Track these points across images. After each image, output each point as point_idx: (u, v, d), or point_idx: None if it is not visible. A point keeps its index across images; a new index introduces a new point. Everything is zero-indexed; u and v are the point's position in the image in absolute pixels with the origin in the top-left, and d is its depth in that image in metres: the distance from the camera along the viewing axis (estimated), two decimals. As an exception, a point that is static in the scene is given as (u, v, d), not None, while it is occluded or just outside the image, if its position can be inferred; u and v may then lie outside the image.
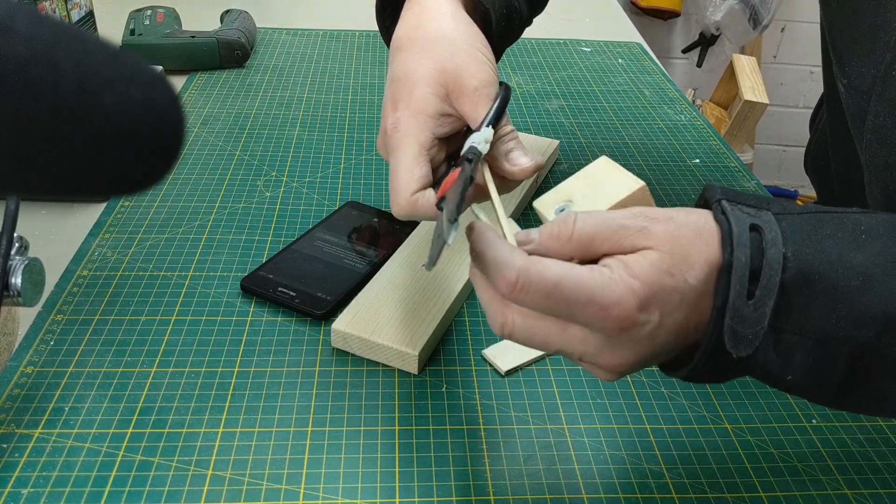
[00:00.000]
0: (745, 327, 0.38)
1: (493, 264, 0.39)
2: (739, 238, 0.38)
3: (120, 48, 0.30)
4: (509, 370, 0.57)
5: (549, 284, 0.37)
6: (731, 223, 0.38)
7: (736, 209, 0.39)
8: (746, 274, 0.37)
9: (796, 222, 0.39)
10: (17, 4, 0.27)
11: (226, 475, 0.48)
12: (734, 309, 0.37)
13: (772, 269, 0.37)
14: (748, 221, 0.38)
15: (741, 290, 0.37)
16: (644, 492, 0.49)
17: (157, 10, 1.03)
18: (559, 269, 0.38)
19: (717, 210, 0.39)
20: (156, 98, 0.31)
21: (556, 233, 0.39)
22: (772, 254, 0.37)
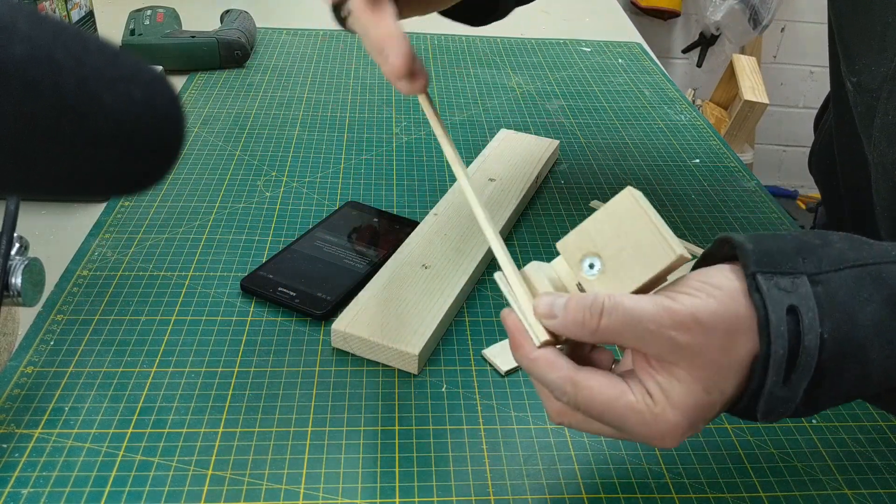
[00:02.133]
0: (779, 405, 0.38)
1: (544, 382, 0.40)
2: (777, 329, 0.37)
3: (120, 48, 0.30)
4: (509, 370, 0.57)
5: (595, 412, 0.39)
6: (767, 310, 0.37)
7: (772, 286, 0.38)
8: (784, 364, 0.37)
9: (834, 287, 0.38)
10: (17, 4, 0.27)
11: (226, 475, 0.48)
12: (769, 394, 0.38)
13: (809, 356, 0.37)
14: (785, 303, 0.37)
15: (777, 379, 0.37)
16: (644, 492, 0.49)
17: (157, 10, 1.03)
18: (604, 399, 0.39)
19: (751, 287, 0.38)
20: (156, 98, 0.31)
21: (581, 322, 0.39)
22: (809, 339, 0.37)
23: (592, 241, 0.41)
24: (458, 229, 0.68)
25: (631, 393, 0.39)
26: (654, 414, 0.38)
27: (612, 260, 0.40)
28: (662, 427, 0.38)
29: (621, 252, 0.40)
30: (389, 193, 0.77)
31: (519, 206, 0.74)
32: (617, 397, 0.39)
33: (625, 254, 0.40)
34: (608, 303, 0.38)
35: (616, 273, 0.40)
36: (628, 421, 0.39)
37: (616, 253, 0.40)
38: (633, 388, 0.39)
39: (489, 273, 0.67)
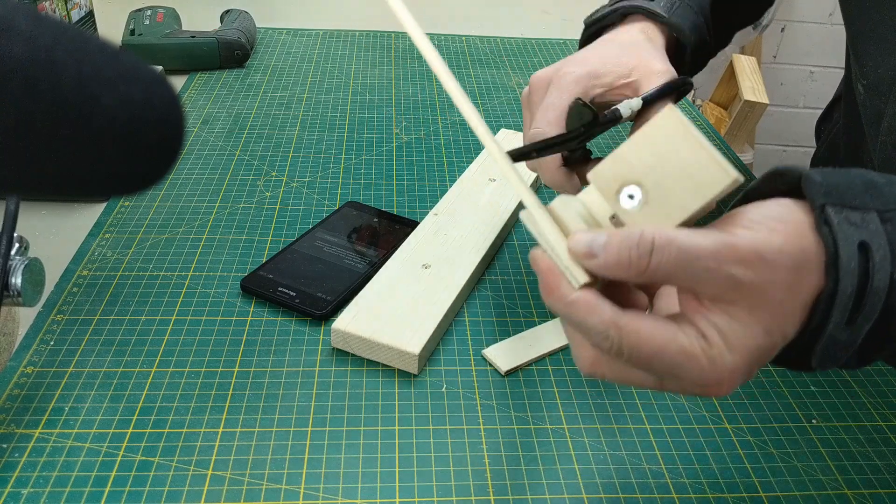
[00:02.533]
0: (837, 350, 0.36)
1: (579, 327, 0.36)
2: (847, 266, 0.34)
3: (120, 48, 0.30)
4: (509, 370, 0.57)
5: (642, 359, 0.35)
6: (837, 246, 0.34)
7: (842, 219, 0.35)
8: (850, 303, 0.34)
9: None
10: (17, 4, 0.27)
11: (226, 475, 0.48)
12: (830, 336, 0.35)
13: (877, 297, 0.34)
14: (856, 239, 0.34)
15: (841, 319, 0.35)
16: (644, 492, 0.49)
17: (157, 10, 1.03)
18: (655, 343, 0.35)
19: (819, 220, 0.35)
20: (156, 98, 0.31)
21: (627, 263, 0.34)
22: (879, 278, 0.34)
23: (631, 168, 0.36)
24: (458, 229, 0.68)
25: (683, 336, 0.35)
26: (710, 358, 0.34)
27: (655, 189, 0.35)
28: (720, 372, 0.34)
29: (665, 178, 0.35)
30: (389, 193, 0.77)
31: (519, 207, 0.74)
32: (668, 341, 0.34)
33: (670, 180, 0.35)
34: (659, 239, 0.34)
35: (661, 203, 0.35)
36: (680, 367, 0.35)
37: (660, 180, 0.35)
38: (685, 330, 0.35)
39: (489, 273, 0.67)
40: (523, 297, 0.65)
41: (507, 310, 0.63)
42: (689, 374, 0.35)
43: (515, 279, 0.66)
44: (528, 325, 0.61)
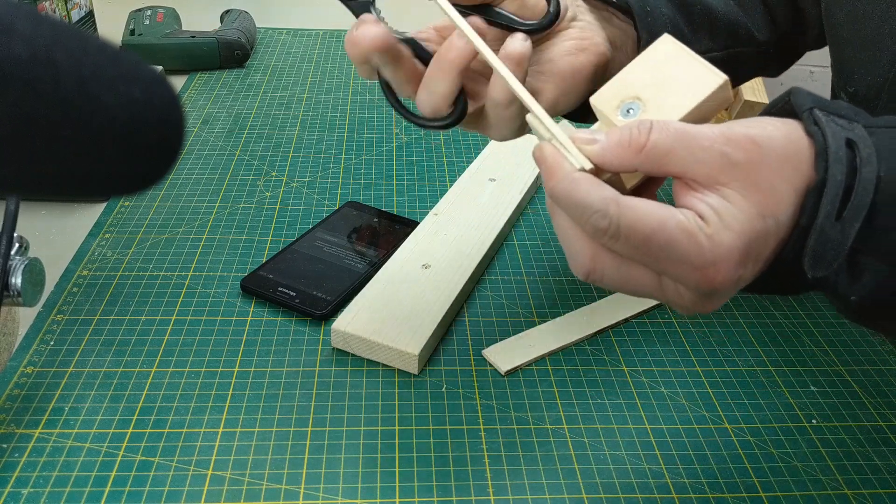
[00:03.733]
0: (828, 249, 0.35)
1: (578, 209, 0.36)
2: (836, 154, 0.35)
3: (120, 48, 0.30)
4: (509, 370, 0.57)
5: (640, 237, 0.35)
6: (826, 137, 0.35)
7: (830, 120, 0.36)
8: (840, 193, 0.35)
9: (886, 139, 0.36)
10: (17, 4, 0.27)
11: (226, 475, 0.48)
12: (820, 230, 0.35)
13: (865, 190, 0.35)
14: (843, 136, 0.35)
15: (831, 210, 0.35)
16: (644, 492, 0.49)
17: (157, 10, 1.03)
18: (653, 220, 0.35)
19: (808, 121, 0.36)
20: (156, 98, 0.31)
21: (627, 141, 0.36)
22: (867, 172, 0.35)
23: (630, 87, 0.38)
24: (458, 229, 0.68)
25: (681, 215, 0.35)
26: (707, 236, 0.35)
27: (652, 99, 0.37)
28: (718, 251, 0.34)
29: (661, 90, 0.37)
30: (389, 193, 0.77)
31: (519, 206, 0.74)
32: (667, 218, 0.35)
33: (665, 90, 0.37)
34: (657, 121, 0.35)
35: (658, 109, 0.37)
36: (677, 247, 0.35)
37: (657, 92, 0.37)
38: (683, 211, 0.35)
39: (489, 273, 0.67)
40: (523, 297, 0.65)
41: (507, 310, 0.63)
42: (686, 255, 0.35)
43: (515, 279, 0.66)
44: (528, 325, 0.61)
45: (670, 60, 0.38)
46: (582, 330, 0.60)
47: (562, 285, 0.66)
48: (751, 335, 0.62)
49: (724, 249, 0.35)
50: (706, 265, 0.35)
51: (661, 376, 0.57)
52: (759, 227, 0.35)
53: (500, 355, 0.58)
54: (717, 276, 0.35)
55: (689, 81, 0.37)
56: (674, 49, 0.38)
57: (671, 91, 0.37)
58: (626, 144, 0.36)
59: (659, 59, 0.38)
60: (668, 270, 0.36)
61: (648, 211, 0.35)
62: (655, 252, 0.35)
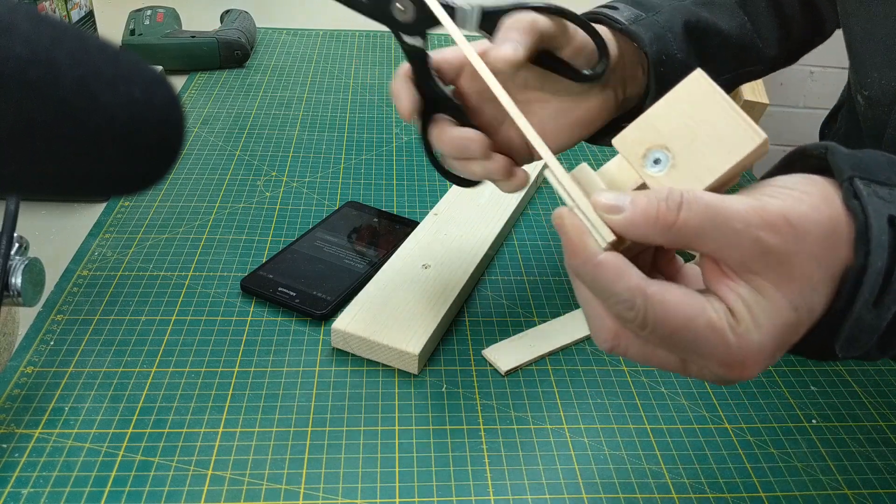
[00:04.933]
0: (862, 333, 0.34)
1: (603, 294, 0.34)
2: (878, 238, 0.32)
3: (120, 48, 0.30)
4: (509, 370, 0.57)
5: (666, 331, 0.33)
6: (868, 217, 0.33)
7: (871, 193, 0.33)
8: (880, 280, 0.33)
9: None
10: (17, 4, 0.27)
11: (226, 475, 0.48)
12: (858, 317, 0.33)
13: None
14: (886, 213, 0.33)
15: (870, 297, 0.33)
16: (644, 492, 0.49)
17: (157, 10, 1.03)
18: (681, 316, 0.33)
19: (848, 193, 0.34)
20: (156, 98, 0.31)
21: (654, 217, 0.33)
22: None
23: (658, 133, 0.35)
24: (458, 229, 0.68)
25: (711, 310, 0.33)
26: (737, 335, 0.33)
27: (683, 152, 0.34)
28: (746, 351, 0.33)
29: (693, 142, 0.34)
30: (389, 193, 0.77)
31: (519, 206, 0.74)
32: (697, 315, 0.33)
33: (698, 143, 0.34)
34: (688, 195, 0.32)
35: (689, 166, 0.34)
36: (705, 344, 0.33)
37: (688, 144, 0.34)
38: (713, 304, 0.33)
39: (489, 273, 0.67)
40: (523, 297, 0.65)
41: (507, 310, 0.63)
42: (714, 352, 0.33)
43: (515, 279, 0.66)
44: (528, 325, 0.61)
45: (704, 105, 0.34)
46: (582, 330, 0.60)
47: (562, 285, 0.66)
48: (751, 335, 0.62)
49: (755, 350, 0.33)
50: (734, 363, 0.33)
51: (661, 376, 0.57)
52: (790, 319, 0.33)
53: (500, 355, 0.58)
54: (745, 371, 0.34)
55: (724, 136, 0.34)
56: (707, 90, 0.35)
57: (704, 145, 0.34)
58: (654, 220, 0.33)
59: (691, 101, 0.35)
60: (694, 360, 0.35)
61: (677, 305, 0.33)
62: (682, 345, 0.34)
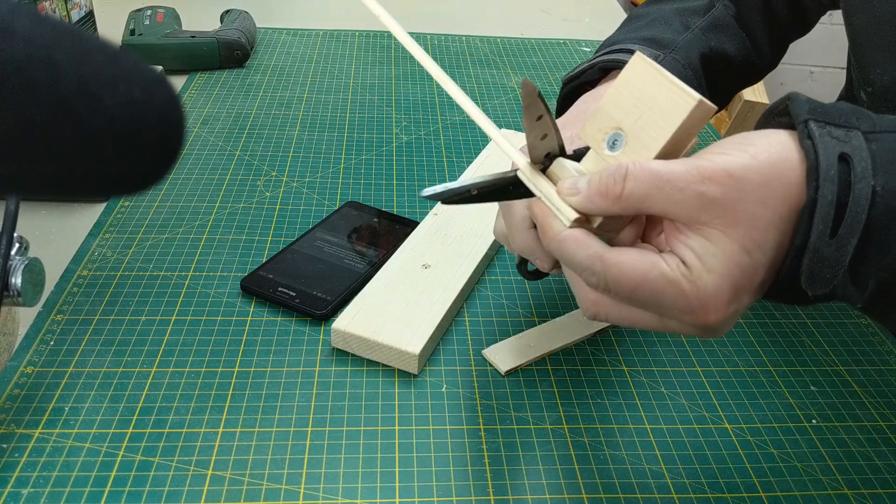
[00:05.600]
0: (824, 267, 0.35)
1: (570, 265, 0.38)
2: (827, 173, 0.34)
3: (120, 48, 0.30)
4: (509, 370, 0.57)
5: (627, 290, 0.37)
6: (818, 154, 0.35)
7: (825, 133, 0.35)
8: (832, 212, 0.34)
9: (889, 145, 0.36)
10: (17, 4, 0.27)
11: (226, 475, 0.48)
12: (814, 249, 0.35)
13: (859, 206, 0.34)
14: (837, 150, 0.35)
15: (824, 229, 0.35)
16: (644, 492, 0.49)
17: (157, 10, 1.03)
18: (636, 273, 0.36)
19: (802, 134, 0.36)
20: (156, 98, 0.31)
21: (605, 190, 0.37)
22: (860, 188, 0.34)
23: (611, 117, 0.39)
24: (458, 229, 0.68)
25: (663, 263, 0.36)
26: (690, 282, 0.35)
27: (633, 128, 0.38)
28: (703, 295, 0.35)
29: (640, 118, 0.38)
30: (389, 193, 0.77)
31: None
32: (648, 269, 0.36)
33: (644, 118, 0.38)
34: (632, 166, 0.36)
35: (638, 139, 0.38)
36: (664, 296, 0.36)
37: (636, 120, 0.38)
38: (667, 259, 0.36)
39: (489, 273, 0.67)
40: (523, 297, 0.65)
41: (507, 310, 0.63)
42: (675, 303, 0.36)
43: (515, 279, 0.66)
44: (528, 325, 0.61)
45: (645, 82, 0.38)
46: (582, 330, 0.60)
47: (562, 285, 0.66)
48: (751, 335, 0.62)
49: (710, 293, 0.35)
50: (695, 309, 0.36)
51: (661, 376, 0.57)
52: (744, 262, 0.35)
53: (500, 355, 0.58)
54: (709, 316, 0.36)
55: (665, 107, 0.37)
56: (646, 70, 0.38)
57: (649, 119, 0.38)
58: (605, 193, 0.37)
59: (635, 83, 0.38)
60: (665, 314, 0.37)
61: (632, 264, 0.36)
62: (645, 300, 0.37)
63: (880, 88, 0.56)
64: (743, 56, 0.63)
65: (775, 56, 0.68)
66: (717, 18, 0.63)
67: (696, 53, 0.59)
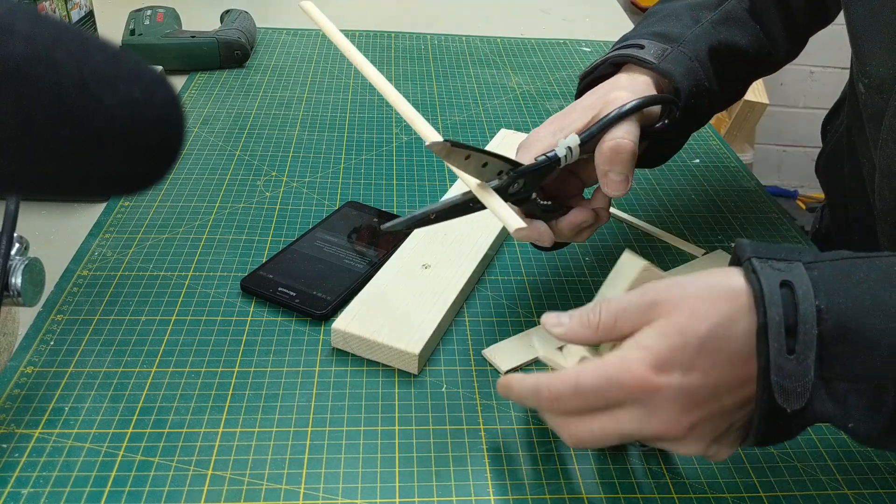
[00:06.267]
0: (792, 381, 0.39)
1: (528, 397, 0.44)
2: (771, 298, 0.39)
3: (120, 48, 0.30)
4: (509, 370, 0.57)
5: (570, 387, 0.41)
6: (761, 283, 0.39)
7: (766, 266, 0.40)
8: (782, 331, 0.38)
9: (828, 271, 0.40)
10: (17, 4, 0.27)
11: (226, 475, 0.48)
12: (777, 366, 0.38)
13: (807, 323, 0.38)
14: (779, 278, 0.39)
15: (780, 347, 0.38)
16: (644, 492, 0.49)
17: (157, 10, 1.03)
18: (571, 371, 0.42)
19: (747, 269, 0.40)
20: (156, 98, 0.31)
21: (585, 321, 0.43)
22: (805, 308, 0.38)
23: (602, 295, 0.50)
24: (458, 229, 0.68)
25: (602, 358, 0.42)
26: (620, 356, 0.40)
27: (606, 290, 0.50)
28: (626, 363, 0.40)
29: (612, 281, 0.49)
30: (389, 193, 0.77)
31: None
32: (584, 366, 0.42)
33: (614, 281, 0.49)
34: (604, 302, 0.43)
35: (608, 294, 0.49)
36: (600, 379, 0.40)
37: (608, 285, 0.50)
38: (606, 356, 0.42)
39: (489, 273, 0.67)
40: (523, 297, 0.65)
41: (507, 310, 0.63)
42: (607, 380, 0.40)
43: (515, 279, 0.66)
44: (528, 325, 0.61)
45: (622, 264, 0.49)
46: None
47: (562, 285, 0.66)
48: (751, 335, 0.62)
49: (634, 357, 0.40)
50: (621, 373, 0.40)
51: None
52: (672, 341, 0.40)
53: (500, 355, 0.58)
54: (634, 377, 0.40)
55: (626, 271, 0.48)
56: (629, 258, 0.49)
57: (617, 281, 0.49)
58: (586, 324, 0.43)
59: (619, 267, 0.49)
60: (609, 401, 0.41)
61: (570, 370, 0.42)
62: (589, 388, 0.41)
63: (876, 80, 0.57)
64: (756, 48, 0.65)
65: (792, 48, 0.70)
66: (728, 12, 0.64)
67: (704, 46, 0.61)
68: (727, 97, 0.66)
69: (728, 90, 0.65)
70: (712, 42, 0.61)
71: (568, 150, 0.53)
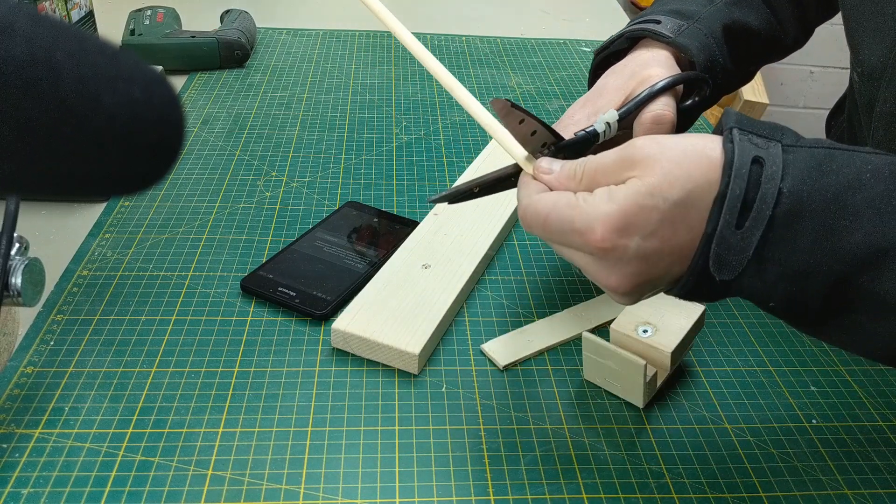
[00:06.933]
0: (730, 255, 0.39)
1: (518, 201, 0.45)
2: (738, 170, 0.39)
3: (120, 48, 0.30)
4: (507, 364, 0.57)
5: (541, 217, 0.42)
6: (735, 153, 0.39)
7: (745, 139, 0.40)
8: (738, 206, 0.38)
9: (803, 156, 0.40)
10: (17, 4, 0.27)
11: (226, 475, 0.48)
12: (721, 237, 0.39)
13: (764, 203, 0.38)
14: (753, 153, 0.39)
15: (730, 219, 0.39)
16: (644, 492, 0.49)
17: (157, 10, 1.03)
18: (549, 202, 0.42)
19: (726, 137, 0.40)
20: (156, 98, 0.31)
21: (571, 173, 0.43)
22: (767, 188, 0.38)
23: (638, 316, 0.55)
24: (458, 229, 0.68)
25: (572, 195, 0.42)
26: (587, 203, 0.41)
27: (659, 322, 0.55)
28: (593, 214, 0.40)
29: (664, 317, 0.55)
30: (389, 193, 0.77)
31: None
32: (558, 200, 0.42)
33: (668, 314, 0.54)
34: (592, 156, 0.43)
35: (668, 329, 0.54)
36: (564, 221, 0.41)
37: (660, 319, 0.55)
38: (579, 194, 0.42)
39: (489, 273, 0.67)
40: (523, 296, 0.65)
41: (507, 310, 0.63)
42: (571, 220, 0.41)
43: (515, 279, 0.66)
44: (528, 325, 0.61)
45: None
46: (581, 325, 0.60)
47: (562, 285, 0.66)
48: (751, 335, 0.62)
49: (601, 213, 0.40)
50: (585, 228, 0.40)
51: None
52: (643, 201, 0.39)
53: (498, 350, 0.58)
54: (595, 236, 0.40)
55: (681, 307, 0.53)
56: None
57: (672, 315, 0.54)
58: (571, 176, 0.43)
59: None
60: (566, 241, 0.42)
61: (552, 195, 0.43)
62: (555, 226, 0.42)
63: (868, 68, 0.57)
64: (767, 31, 0.66)
65: (799, 35, 0.71)
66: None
67: (718, 24, 0.62)
68: (739, 77, 0.66)
69: (740, 69, 0.66)
70: (726, 20, 0.62)
71: (607, 126, 0.53)
